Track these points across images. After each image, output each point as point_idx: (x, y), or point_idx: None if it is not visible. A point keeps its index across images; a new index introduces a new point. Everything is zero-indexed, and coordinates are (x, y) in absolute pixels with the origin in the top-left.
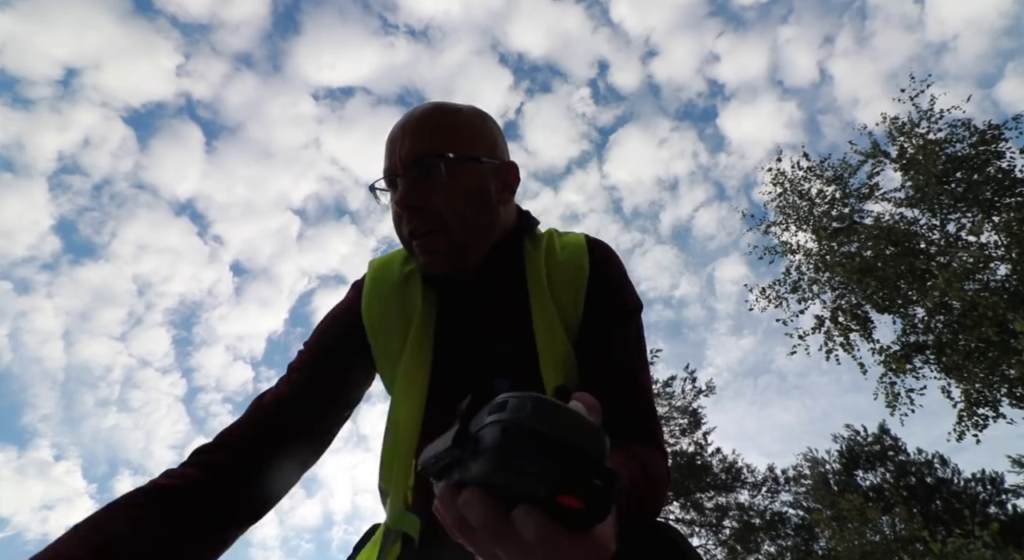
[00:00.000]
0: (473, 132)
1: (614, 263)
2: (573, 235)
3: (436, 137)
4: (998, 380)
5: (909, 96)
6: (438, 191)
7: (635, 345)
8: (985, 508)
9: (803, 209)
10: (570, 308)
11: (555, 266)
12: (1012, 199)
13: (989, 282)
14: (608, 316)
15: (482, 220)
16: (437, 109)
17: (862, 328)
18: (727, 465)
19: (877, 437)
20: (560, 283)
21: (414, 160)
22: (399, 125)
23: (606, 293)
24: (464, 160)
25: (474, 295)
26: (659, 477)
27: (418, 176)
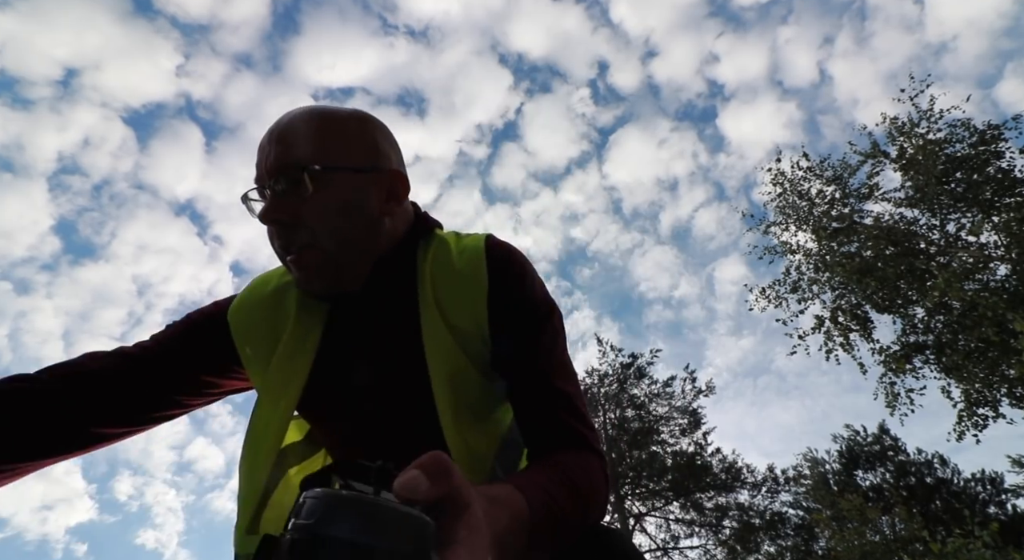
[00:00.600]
0: (347, 140)
1: (517, 267)
2: (473, 237)
3: (303, 146)
4: (998, 380)
5: (909, 96)
6: (306, 205)
7: (551, 350)
8: (985, 508)
9: (803, 209)
10: (468, 319)
11: (450, 275)
12: (1012, 199)
13: (989, 282)
14: (517, 325)
15: (358, 233)
16: (307, 115)
17: (862, 328)
18: (727, 465)
19: (877, 437)
20: (455, 293)
21: (278, 171)
22: (267, 132)
23: (510, 301)
24: (334, 171)
25: (362, 309)
26: (590, 482)
27: (284, 189)
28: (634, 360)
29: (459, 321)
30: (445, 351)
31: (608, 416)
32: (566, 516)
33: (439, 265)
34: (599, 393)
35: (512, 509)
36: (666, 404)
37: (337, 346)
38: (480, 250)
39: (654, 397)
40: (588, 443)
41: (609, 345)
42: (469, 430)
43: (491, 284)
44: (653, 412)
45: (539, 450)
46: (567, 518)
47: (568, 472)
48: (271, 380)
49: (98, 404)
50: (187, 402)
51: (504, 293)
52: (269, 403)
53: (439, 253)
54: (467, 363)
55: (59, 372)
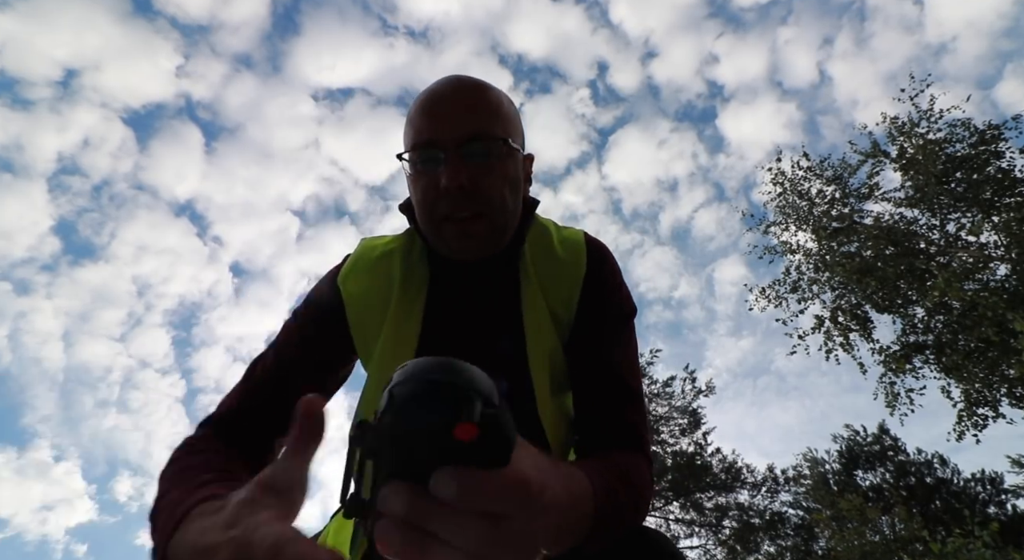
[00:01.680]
0: (516, 119)
1: (611, 264)
2: (572, 231)
3: (492, 118)
4: (998, 380)
5: (909, 96)
6: (489, 174)
7: (628, 349)
8: (985, 508)
9: (803, 209)
10: (563, 304)
11: (551, 260)
12: (1012, 199)
13: (989, 282)
14: (602, 318)
15: (515, 209)
16: (486, 88)
17: (862, 328)
18: (727, 465)
19: (877, 437)
20: (555, 278)
21: (470, 138)
22: (444, 96)
23: (602, 294)
24: (512, 147)
25: (468, 280)
26: (642, 484)
27: (471, 156)
28: None
29: (555, 303)
30: (543, 328)
31: None
32: (624, 511)
33: (541, 249)
34: None
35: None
36: (666, 404)
37: (440, 313)
38: (581, 243)
39: (654, 397)
40: (643, 446)
41: None
42: (558, 407)
43: (588, 274)
44: (653, 412)
45: (595, 443)
46: (624, 513)
47: (625, 471)
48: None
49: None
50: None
51: (598, 285)
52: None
53: (542, 238)
54: (558, 344)
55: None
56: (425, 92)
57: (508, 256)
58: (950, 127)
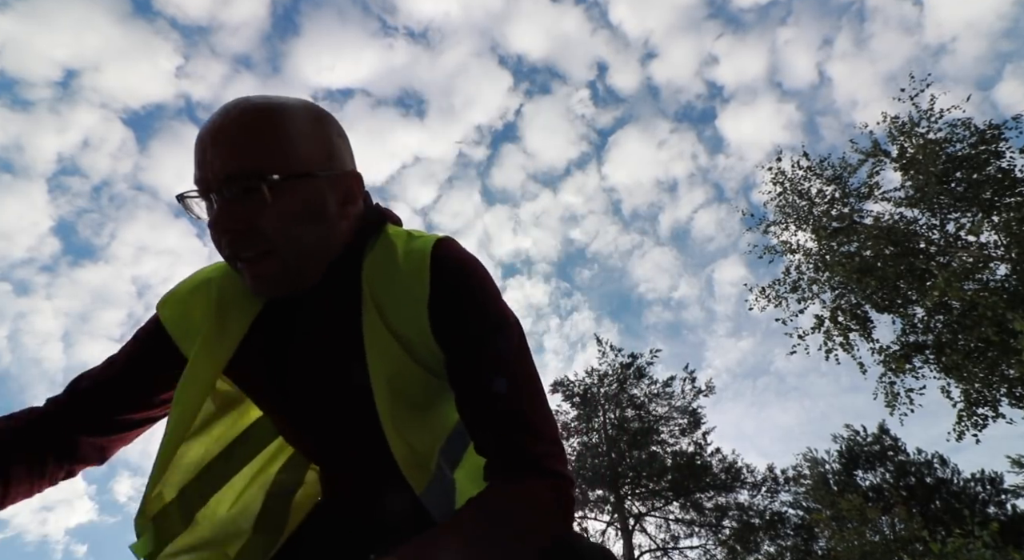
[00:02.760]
0: (303, 141)
1: (465, 275)
2: (423, 240)
3: (256, 151)
4: (998, 380)
5: (909, 96)
6: (263, 213)
7: (500, 365)
8: (985, 508)
9: (803, 209)
10: (407, 323)
11: (391, 277)
12: (1012, 199)
13: (989, 282)
14: (461, 336)
15: (318, 239)
16: (256, 112)
17: (862, 328)
18: (727, 465)
19: (877, 437)
20: (394, 296)
21: (228, 178)
22: (208, 129)
23: (454, 310)
24: (293, 178)
25: (305, 307)
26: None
27: (237, 196)
28: (634, 360)
29: (399, 324)
30: (385, 352)
31: (608, 416)
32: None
33: (382, 266)
34: (599, 393)
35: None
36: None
37: (273, 341)
38: (426, 253)
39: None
40: (536, 463)
41: (609, 345)
42: (411, 428)
43: (433, 290)
44: (653, 412)
45: (487, 471)
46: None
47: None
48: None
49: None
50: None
51: (447, 301)
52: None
53: (384, 253)
54: (411, 363)
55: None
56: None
57: (344, 279)
58: (950, 127)
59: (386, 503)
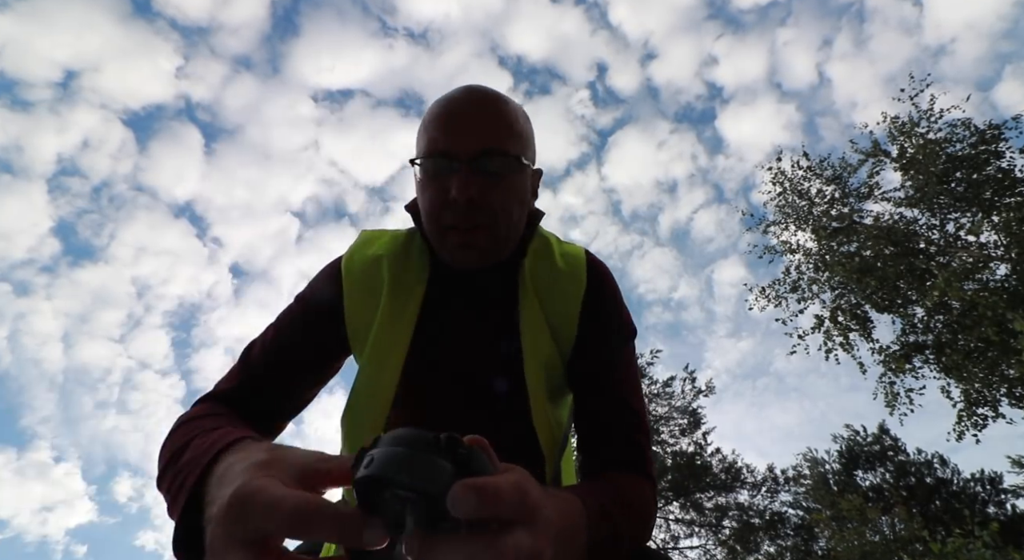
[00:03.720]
0: (528, 134)
1: (612, 284)
2: (574, 247)
3: (505, 132)
4: (998, 380)
5: (909, 96)
6: (498, 189)
7: (630, 369)
8: (985, 508)
9: (803, 208)
10: (561, 315)
11: (552, 272)
12: (1012, 199)
13: (989, 282)
14: (604, 335)
15: (520, 223)
16: (502, 101)
17: (862, 328)
18: (727, 465)
19: (877, 437)
20: (554, 289)
21: (482, 152)
22: (461, 107)
23: (603, 312)
24: (524, 163)
25: (468, 286)
26: (643, 507)
27: (482, 170)
28: None
29: (553, 314)
30: (539, 335)
31: None
32: (621, 533)
33: (543, 260)
34: None
35: (572, 511)
36: (666, 404)
37: (437, 316)
38: (582, 258)
39: (654, 397)
40: (646, 468)
41: None
42: (552, 413)
43: (588, 290)
44: (653, 412)
45: (598, 464)
46: (621, 535)
47: (625, 493)
48: (376, 344)
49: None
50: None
51: (598, 302)
52: (374, 368)
53: (544, 250)
54: (556, 354)
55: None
56: (442, 100)
57: (509, 266)
58: (950, 127)
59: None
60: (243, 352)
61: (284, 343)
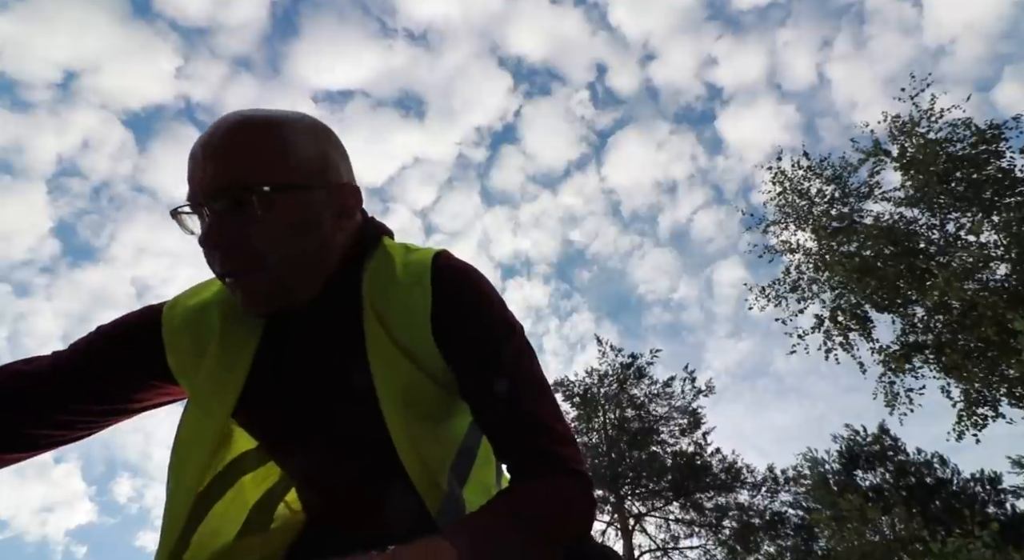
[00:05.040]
0: (295, 153)
1: (467, 285)
2: (422, 252)
3: (246, 163)
4: (998, 380)
5: (910, 95)
6: (252, 228)
7: (512, 372)
8: (985, 508)
9: (803, 208)
10: (410, 334)
11: (391, 289)
12: (1012, 199)
13: (989, 282)
14: (470, 344)
15: (312, 253)
16: (248, 125)
17: (861, 328)
18: (727, 465)
19: (877, 437)
20: (395, 308)
21: (217, 191)
22: (200, 142)
23: (458, 321)
24: (284, 190)
25: (303, 325)
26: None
27: (226, 210)
28: (634, 360)
29: (403, 336)
30: (392, 365)
31: (608, 416)
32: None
33: (381, 278)
34: (599, 393)
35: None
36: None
37: (276, 361)
38: (426, 265)
39: (654, 397)
40: (561, 463)
41: (609, 345)
42: (424, 443)
43: (435, 301)
44: (653, 412)
45: (511, 474)
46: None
47: (521, 503)
48: (201, 390)
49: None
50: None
51: (450, 312)
52: (199, 413)
53: (383, 266)
54: (419, 375)
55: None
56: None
57: (343, 293)
58: (951, 127)
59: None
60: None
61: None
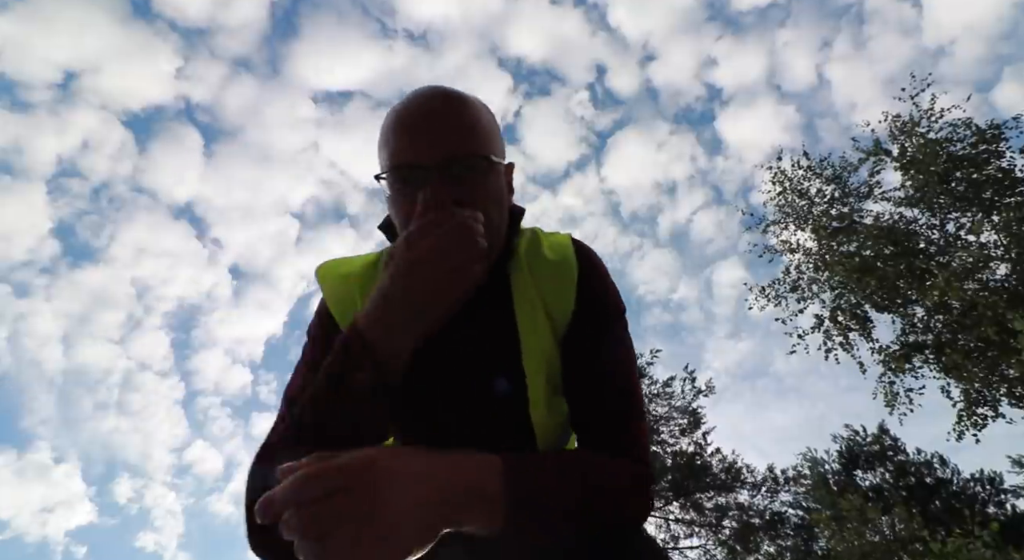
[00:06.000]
0: (495, 129)
1: (600, 264)
2: (559, 235)
3: (471, 135)
4: (998, 380)
5: (910, 95)
6: (473, 194)
7: (621, 347)
8: (985, 508)
9: (802, 208)
10: (558, 306)
11: (543, 264)
12: (1012, 199)
13: (989, 282)
14: (595, 317)
15: (503, 224)
16: (464, 101)
17: (861, 328)
18: (727, 465)
19: (876, 437)
20: (549, 281)
21: (451, 158)
22: (421, 114)
23: (594, 294)
24: (493, 163)
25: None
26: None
27: (455, 175)
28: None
29: (551, 305)
30: (538, 331)
31: None
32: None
33: (533, 254)
34: None
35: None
36: (665, 404)
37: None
38: (569, 246)
39: (653, 397)
40: (632, 446)
41: None
42: (552, 410)
43: (580, 275)
44: (652, 412)
45: (583, 443)
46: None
47: (581, 465)
48: None
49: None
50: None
51: (589, 286)
52: None
53: (531, 244)
54: (553, 344)
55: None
56: (400, 108)
57: (496, 268)
58: (951, 127)
59: None
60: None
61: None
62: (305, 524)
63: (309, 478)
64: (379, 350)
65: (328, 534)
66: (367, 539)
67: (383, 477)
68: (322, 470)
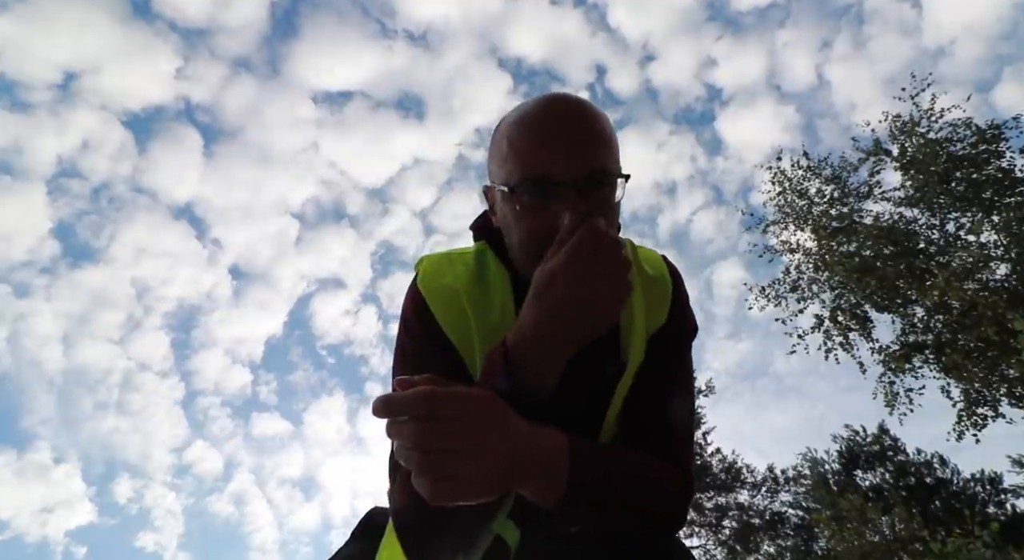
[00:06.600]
0: (618, 147)
1: (684, 285)
2: (651, 252)
3: (609, 150)
4: (998, 380)
5: (910, 95)
6: (603, 208)
7: (685, 366)
8: (985, 508)
9: (802, 208)
10: (653, 318)
11: (645, 281)
12: (1012, 199)
13: (989, 282)
14: (679, 334)
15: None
16: (597, 115)
17: (861, 327)
18: (727, 465)
19: (877, 437)
20: (650, 295)
21: (590, 175)
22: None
23: (681, 312)
24: (621, 180)
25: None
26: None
27: (589, 190)
28: None
29: (652, 320)
30: (637, 336)
31: None
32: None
33: (638, 267)
34: None
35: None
36: None
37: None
38: (662, 262)
39: None
40: (680, 458)
41: None
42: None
43: (673, 292)
44: None
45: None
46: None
47: (641, 462)
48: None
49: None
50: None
51: (679, 304)
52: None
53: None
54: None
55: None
56: (531, 115)
57: None
58: (951, 127)
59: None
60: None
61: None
62: (421, 435)
63: (437, 396)
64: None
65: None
66: (466, 467)
67: (498, 418)
68: (450, 395)
